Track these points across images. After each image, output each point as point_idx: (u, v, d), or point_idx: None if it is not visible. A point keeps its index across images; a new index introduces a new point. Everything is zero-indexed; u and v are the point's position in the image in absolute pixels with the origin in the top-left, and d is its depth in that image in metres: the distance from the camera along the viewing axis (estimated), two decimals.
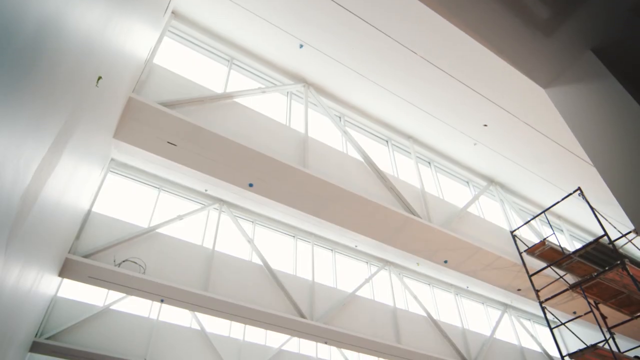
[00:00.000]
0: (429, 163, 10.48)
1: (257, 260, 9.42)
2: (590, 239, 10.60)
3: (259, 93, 8.04)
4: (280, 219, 10.63)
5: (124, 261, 7.75)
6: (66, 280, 9.73)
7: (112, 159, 8.93)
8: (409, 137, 10.00)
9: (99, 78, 2.47)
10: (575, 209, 11.45)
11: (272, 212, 10.38)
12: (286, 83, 8.76)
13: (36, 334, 8.84)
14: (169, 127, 6.30)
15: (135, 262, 7.88)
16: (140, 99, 5.96)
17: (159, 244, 8.35)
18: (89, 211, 7.94)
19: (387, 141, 9.94)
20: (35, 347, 8.97)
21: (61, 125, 1.72)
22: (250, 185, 7.23)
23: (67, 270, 7.24)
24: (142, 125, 6.23)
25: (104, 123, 4.42)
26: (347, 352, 13.11)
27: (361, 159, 8.55)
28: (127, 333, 9.95)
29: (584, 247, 8.43)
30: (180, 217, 9.14)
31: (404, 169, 9.64)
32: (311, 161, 7.66)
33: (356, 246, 11.44)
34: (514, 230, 9.78)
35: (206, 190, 9.75)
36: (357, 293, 10.37)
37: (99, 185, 8.36)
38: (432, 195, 9.32)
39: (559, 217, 11.99)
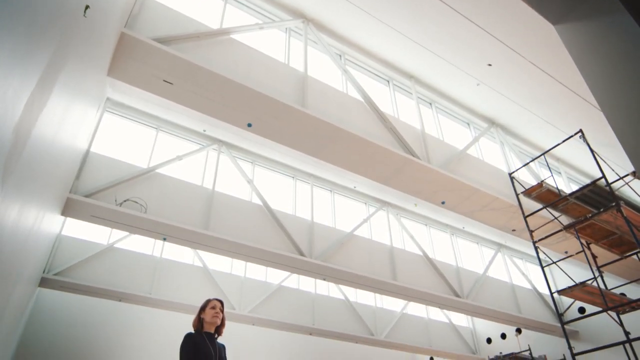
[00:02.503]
0: (430, 104, 10.31)
1: (256, 200, 9.53)
2: (588, 181, 10.67)
3: (256, 29, 7.73)
4: (279, 160, 10.64)
5: (125, 201, 7.83)
6: (70, 220, 9.91)
7: (109, 99, 8.77)
8: (410, 77, 9.76)
9: (87, 7, 2.34)
10: (574, 152, 11.43)
11: (272, 152, 10.36)
12: (285, 19, 8.40)
13: (44, 271, 9.14)
14: (164, 65, 6.12)
15: (137, 202, 7.96)
16: (133, 34, 5.73)
17: (159, 184, 8.40)
18: (88, 151, 7.90)
19: (388, 81, 9.71)
20: (44, 283, 9.32)
21: (49, 57, 1.64)
22: (249, 125, 7.14)
23: (69, 209, 7.34)
24: (137, 62, 6.04)
25: (96, 59, 4.27)
26: (345, 288, 13.65)
27: (361, 99, 8.40)
28: (132, 270, 10.28)
29: (580, 189, 8.50)
30: (179, 158, 9.12)
31: (404, 110, 9.50)
32: (310, 101, 7.51)
33: (355, 187, 11.54)
34: (513, 172, 9.82)
35: (204, 131, 9.66)
36: (355, 233, 10.60)
37: (96, 125, 8.27)
38: (432, 136, 9.26)
39: (558, 159, 12.00)
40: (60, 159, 3.85)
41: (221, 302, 3.52)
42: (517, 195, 9.28)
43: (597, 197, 8.77)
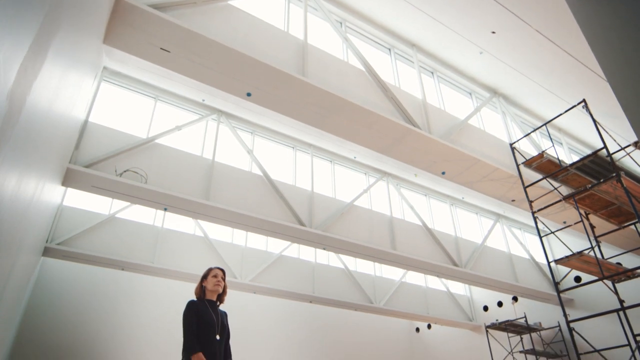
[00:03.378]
0: (432, 73, 10.16)
1: (257, 170, 9.53)
2: (589, 152, 10.64)
3: None
4: (279, 130, 10.58)
5: (125, 171, 7.83)
6: (71, 190, 9.94)
7: (105, 67, 8.63)
8: (412, 45, 9.58)
9: None
10: (577, 122, 11.35)
11: (271, 122, 10.29)
12: None
13: (47, 240, 9.24)
14: (161, 32, 5.98)
15: (137, 172, 7.96)
16: (129, 0, 5.58)
17: (158, 155, 8.38)
18: (86, 121, 7.84)
19: (389, 49, 9.53)
20: (48, 252, 9.43)
21: (40, 21, 1.59)
22: (248, 94, 7.06)
23: (69, 179, 7.34)
24: (133, 29, 5.91)
25: (91, 26, 4.17)
26: (344, 258, 13.84)
27: (362, 68, 8.26)
28: (134, 240, 10.38)
29: (581, 159, 8.49)
30: (178, 128, 9.06)
31: (405, 79, 9.36)
32: (310, 70, 7.40)
33: (355, 157, 11.52)
34: (514, 143, 9.78)
35: (203, 100, 9.56)
36: (355, 203, 10.65)
37: (94, 94, 8.17)
38: (433, 106, 9.16)
39: (560, 129, 11.92)
40: (58, 128, 3.82)
41: (223, 271, 3.57)
42: (517, 165, 9.28)
43: (597, 167, 8.76)
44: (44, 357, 10.84)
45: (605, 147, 7.95)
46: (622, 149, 8.60)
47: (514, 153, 9.50)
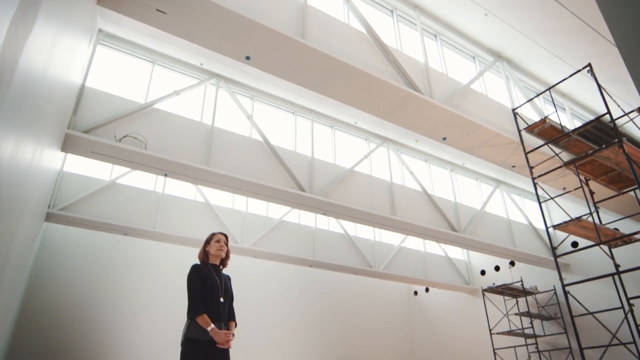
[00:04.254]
0: (435, 36, 9.92)
1: (256, 136, 9.47)
2: (592, 117, 10.53)
3: None
4: (279, 95, 10.44)
5: (124, 137, 7.77)
6: (71, 156, 9.92)
7: (100, 30, 8.42)
8: (415, 7, 9.31)
9: None
10: (581, 87, 11.18)
11: (271, 87, 10.14)
12: None
13: (49, 206, 9.29)
14: None
15: (136, 138, 7.90)
16: None
17: (157, 120, 8.30)
18: (83, 86, 7.72)
19: (392, 11, 9.27)
20: (50, 218, 9.51)
21: None
22: (247, 58, 6.91)
23: (68, 145, 7.30)
24: None
25: None
26: (344, 223, 13.97)
27: (364, 31, 8.06)
28: (135, 205, 10.45)
29: (584, 125, 8.42)
30: (177, 93, 8.94)
31: (408, 43, 9.15)
32: (310, 32, 7.22)
33: (355, 123, 11.42)
34: (516, 108, 9.67)
35: (202, 65, 9.39)
36: (356, 169, 10.64)
37: (90, 58, 8.01)
38: (435, 70, 9.00)
39: (563, 95, 11.76)
40: (54, 92, 3.76)
41: (225, 236, 3.61)
42: (519, 131, 9.21)
43: (599, 133, 8.70)
44: (50, 320, 11.13)
45: (608, 112, 7.86)
46: (626, 114, 8.50)
47: (516, 119, 9.41)
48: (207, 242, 3.58)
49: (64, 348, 11.05)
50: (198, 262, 3.55)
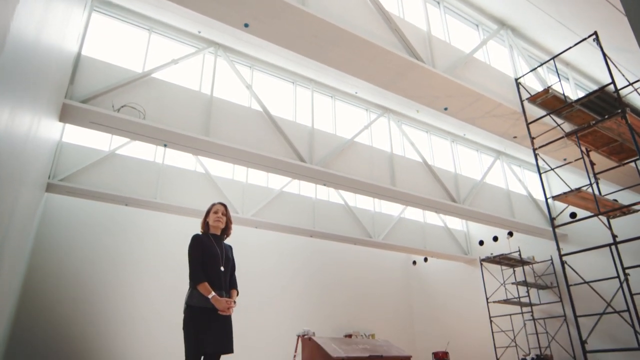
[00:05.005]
0: (438, 3, 9.68)
1: (256, 106, 9.38)
2: (595, 88, 10.40)
3: None
4: (278, 64, 10.28)
5: (122, 107, 7.70)
6: (70, 127, 9.86)
7: None
8: None
9: None
10: (585, 56, 10.98)
11: (271, 56, 9.97)
12: None
13: (50, 177, 9.30)
14: None
15: (134, 108, 7.83)
16: None
17: (156, 90, 8.21)
18: (79, 54, 7.59)
19: None
20: (51, 188, 9.54)
21: None
22: (246, 25, 6.76)
23: (66, 115, 7.24)
24: None
25: None
26: (344, 194, 14.02)
27: None
28: (136, 176, 10.46)
29: (587, 95, 8.32)
30: (175, 62, 8.79)
31: (410, 9, 8.93)
32: None
33: (356, 93, 11.30)
34: (519, 78, 9.53)
35: (200, 32, 9.20)
36: (356, 139, 10.59)
37: (85, 26, 7.84)
38: (438, 38, 8.81)
39: (568, 64, 11.57)
40: (49, 60, 3.69)
41: (224, 206, 3.61)
42: (521, 101, 9.11)
43: (602, 103, 8.61)
44: (54, 289, 11.33)
45: (613, 82, 7.75)
46: (630, 84, 8.39)
47: (518, 88, 9.29)
48: (207, 213, 3.60)
49: (68, 316, 11.29)
50: (199, 232, 3.57)
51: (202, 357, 3.16)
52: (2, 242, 3.26)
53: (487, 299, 13.97)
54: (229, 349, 3.17)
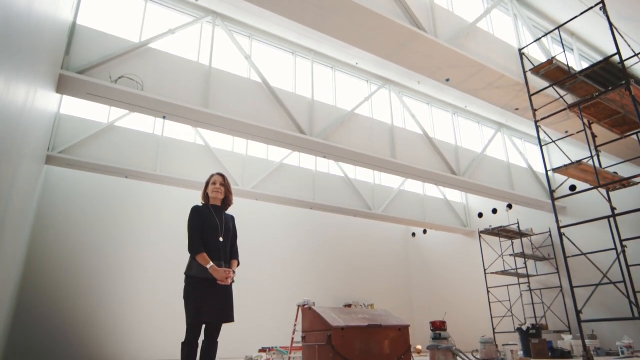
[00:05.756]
0: None
1: (255, 77, 9.25)
2: (600, 59, 10.23)
3: None
4: (278, 34, 10.09)
5: (120, 78, 7.60)
6: (69, 99, 9.78)
7: None
8: None
9: None
10: (591, 26, 10.75)
11: (270, 26, 9.77)
12: None
13: (49, 149, 9.28)
14: None
15: (132, 79, 7.73)
16: None
17: (153, 61, 8.08)
18: (74, 24, 7.43)
19: None
20: (51, 161, 9.53)
21: None
22: None
23: (63, 86, 7.16)
24: None
25: None
26: (344, 166, 14.01)
27: None
28: (135, 148, 10.43)
29: (592, 66, 8.20)
30: (172, 31, 8.62)
31: None
32: None
33: (357, 64, 11.13)
34: (523, 48, 9.37)
35: (197, 1, 8.98)
36: (356, 111, 10.50)
37: None
38: (441, 7, 8.61)
39: (573, 34, 11.35)
40: (43, 29, 3.61)
41: (222, 176, 3.60)
42: (524, 72, 8.98)
43: (607, 75, 8.50)
44: (57, 259, 11.48)
45: (618, 52, 7.63)
46: (636, 55, 8.25)
47: (522, 59, 9.15)
48: (206, 184, 3.60)
49: (72, 286, 11.49)
50: (200, 203, 3.58)
51: (204, 326, 3.22)
52: (3, 212, 3.28)
53: (485, 270, 14.16)
54: (229, 318, 3.22)
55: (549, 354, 9.94)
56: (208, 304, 3.14)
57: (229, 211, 3.68)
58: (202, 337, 3.22)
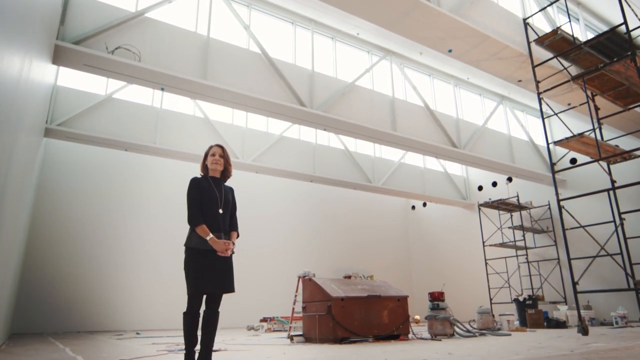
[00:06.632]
0: None
1: (254, 48, 9.09)
2: (605, 29, 10.02)
3: None
4: (277, 3, 9.85)
5: (116, 48, 7.46)
6: (66, 71, 9.64)
7: None
8: None
9: None
10: None
11: None
12: None
13: (47, 121, 9.21)
14: None
15: (129, 50, 7.60)
16: None
17: (150, 31, 7.92)
18: None
19: None
20: (50, 133, 9.48)
21: None
22: None
23: (59, 57, 7.04)
24: None
25: None
26: (344, 138, 13.95)
27: None
28: (134, 121, 10.35)
29: (597, 36, 8.04)
30: (169, 0, 8.41)
31: None
32: None
33: (358, 34, 10.91)
34: (527, 18, 9.17)
35: None
36: (357, 83, 10.37)
37: None
38: None
39: (579, 3, 11.09)
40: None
41: (222, 148, 3.57)
42: (528, 43, 8.82)
43: (612, 45, 8.34)
44: (58, 231, 11.58)
45: (625, 22, 7.45)
46: None
47: (526, 29, 8.96)
48: (205, 156, 3.57)
49: (72, 257, 11.63)
50: (199, 175, 3.57)
51: (205, 297, 3.26)
52: (3, 183, 3.28)
53: (483, 242, 14.30)
54: (230, 288, 3.26)
55: (544, 324, 10.14)
56: (208, 275, 3.17)
57: (228, 183, 3.67)
58: (203, 307, 3.26)
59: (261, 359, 4.43)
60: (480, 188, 16.41)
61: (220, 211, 3.37)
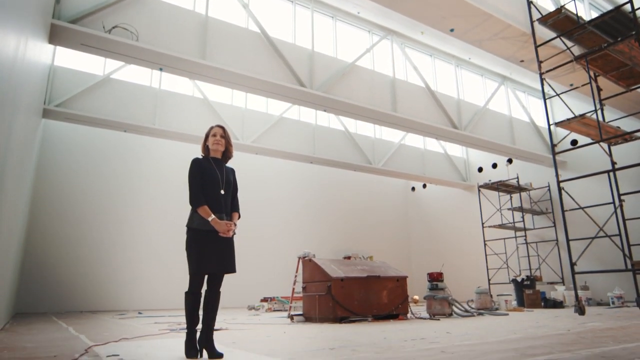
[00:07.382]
0: None
1: (253, 27, 8.96)
2: (610, 8, 9.85)
3: None
4: None
5: (113, 27, 7.36)
6: (63, 51, 9.53)
7: None
8: None
9: None
10: None
11: None
12: None
13: (45, 102, 9.14)
14: None
15: (126, 29, 7.49)
16: None
17: (148, 10, 7.79)
18: None
19: None
20: (48, 114, 9.42)
21: None
22: None
23: (56, 37, 6.94)
24: None
25: None
26: (344, 119, 13.87)
27: None
28: (133, 101, 10.28)
29: (602, 15, 7.92)
30: None
31: None
32: None
33: (359, 13, 10.74)
34: None
35: None
36: (357, 63, 10.25)
37: None
38: None
39: None
40: None
41: (222, 128, 3.54)
42: (531, 22, 8.69)
43: (616, 25, 8.21)
44: (58, 211, 11.61)
45: (630, 0, 7.33)
46: None
47: (529, 7, 8.82)
48: (206, 137, 3.54)
49: (73, 238, 11.69)
50: (199, 156, 3.55)
51: (206, 277, 3.28)
52: (2, 163, 3.27)
53: (482, 224, 14.35)
54: (231, 269, 3.28)
55: (541, 304, 10.26)
56: (210, 255, 3.19)
57: (229, 164, 3.65)
58: (205, 287, 3.29)
59: (262, 338, 4.49)
60: (480, 169, 16.40)
61: (222, 192, 3.37)
